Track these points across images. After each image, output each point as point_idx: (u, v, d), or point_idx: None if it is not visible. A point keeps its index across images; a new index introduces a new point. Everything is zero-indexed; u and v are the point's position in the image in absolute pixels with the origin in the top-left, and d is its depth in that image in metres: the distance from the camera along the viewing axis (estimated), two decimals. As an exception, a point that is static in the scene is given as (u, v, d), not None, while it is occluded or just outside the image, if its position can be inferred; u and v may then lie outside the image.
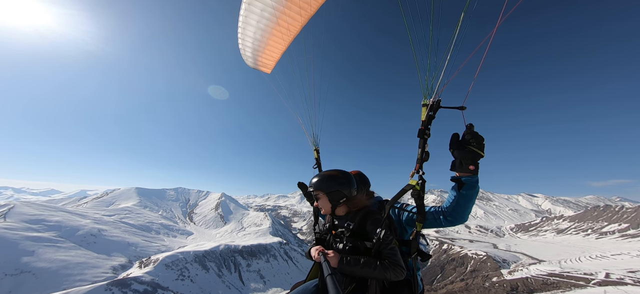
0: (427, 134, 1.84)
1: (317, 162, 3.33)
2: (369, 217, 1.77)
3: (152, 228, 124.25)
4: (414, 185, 1.81)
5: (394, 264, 1.55)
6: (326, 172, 1.92)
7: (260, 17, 3.56)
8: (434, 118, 1.86)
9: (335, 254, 1.63)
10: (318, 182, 1.88)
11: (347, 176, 1.90)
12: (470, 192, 1.68)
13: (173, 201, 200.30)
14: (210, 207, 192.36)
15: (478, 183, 1.69)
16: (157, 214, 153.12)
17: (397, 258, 1.58)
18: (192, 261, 79.98)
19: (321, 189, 1.86)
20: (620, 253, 79.78)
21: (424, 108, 1.87)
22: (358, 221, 1.77)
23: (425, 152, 1.83)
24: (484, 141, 1.66)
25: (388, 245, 1.61)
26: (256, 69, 4.45)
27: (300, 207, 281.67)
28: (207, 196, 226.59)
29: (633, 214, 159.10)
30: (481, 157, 1.66)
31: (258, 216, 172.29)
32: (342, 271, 1.59)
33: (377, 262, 1.56)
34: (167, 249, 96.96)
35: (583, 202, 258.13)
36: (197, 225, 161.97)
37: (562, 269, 69.04)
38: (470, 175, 1.67)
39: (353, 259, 1.59)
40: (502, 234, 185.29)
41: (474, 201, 1.72)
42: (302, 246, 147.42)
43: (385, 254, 1.59)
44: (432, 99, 1.85)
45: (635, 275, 57.49)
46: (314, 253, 1.75)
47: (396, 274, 1.54)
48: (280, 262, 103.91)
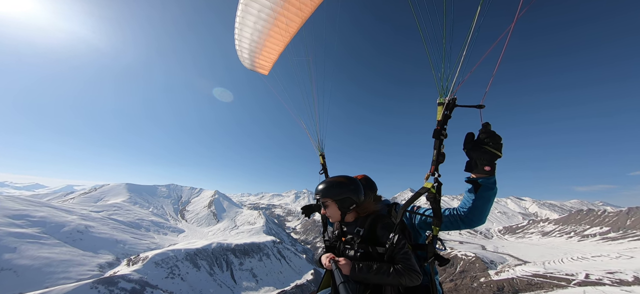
0: (444, 135, 1.72)
1: (323, 168, 3.19)
2: (379, 222, 1.74)
3: (142, 225, 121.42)
4: (429, 188, 1.71)
5: (409, 269, 1.50)
6: (333, 179, 1.85)
7: (258, 18, 3.50)
8: (450, 117, 1.74)
9: (346, 261, 1.59)
10: (326, 189, 1.82)
11: (354, 182, 1.84)
12: (487, 194, 1.60)
13: (165, 197, 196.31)
14: (203, 204, 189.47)
15: (495, 184, 1.60)
16: (148, 211, 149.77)
17: (411, 262, 1.53)
18: (183, 259, 78.54)
19: (330, 197, 1.80)
20: (600, 255, 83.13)
21: (440, 107, 1.74)
22: (368, 226, 1.73)
23: (441, 153, 1.72)
24: (502, 141, 1.57)
25: (401, 250, 1.56)
26: (253, 71, 4.37)
27: (295, 206, 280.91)
28: (200, 193, 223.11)
29: (614, 218, 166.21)
30: (498, 157, 1.57)
31: (252, 215, 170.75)
32: (355, 278, 1.54)
33: (390, 268, 1.51)
34: (157, 247, 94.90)
35: (568, 206, 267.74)
36: (189, 223, 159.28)
37: (546, 270, 71.47)
38: (486, 176, 1.59)
39: (365, 266, 1.55)
40: (491, 236, 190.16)
41: (492, 203, 1.63)
42: (295, 245, 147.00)
43: (398, 259, 1.54)
44: (448, 98, 1.74)
45: (614, 276, 60.16)
46: (325, 260, 1.71)
47: (411, 280, 1.49)
48: (273, 261, 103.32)
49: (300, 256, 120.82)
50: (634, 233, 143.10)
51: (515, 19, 1.49)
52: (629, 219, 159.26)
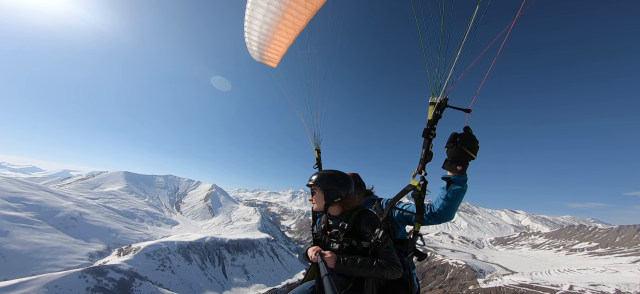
0: (433, 134, 1.81)
1: (317, 162, 3.32)
2: (363, 217, 1.80)
3: (136, 214, 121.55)
4: (415, 186, 1.82)
5: (391, 263, 1.56)
6: (327, 171, 1.97)
7: (267, 11, 3.55)
8: (441, 118, 1.82)
9: (332, 254, 1.65)
10: (318, 178, 1.94)
11: (345, 177, 1.95)
12: (457, 190, 1.70)
13: (162, 188, 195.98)
14: (200, 198, 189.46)
15: (466, 183, 1.70)
16: (143, 201, 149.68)
17: (393, 256, 1.60)
18: (176, 251, 78.96)
19: (319, 185, 1.91)
20: (586, 269, 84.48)
21: (431, 107, 1.82)
22: (352, 221, 1.80)
23: (429, 152, 1.82)
24: (478, 144, 1.67)
25: (384, 244, 1.62)
26: (262, 63, 4.47)
27: (291, 205, 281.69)
28: (197, 186, 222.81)
29: (604, 235, 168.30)
30: (472, 159, 1.67)
31: (247, 211, 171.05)
32: (340, 271, 1.61)
33: (374, 261, 1.57)
34: (149, 238, 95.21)
35: (560, 221, 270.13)
36: (184, 215, 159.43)
37: (532, 280, 72.54)
38: (457, 174, 1.70)
39: (350, 259, 1.60)
40: (482, 245, 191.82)
41: (460, 200, 1.73)
42: (289, 244, 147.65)
43: (381, 253, 1.61)
44: (439, 98, 1.81)
45: (596, 288, 61.35)
46: (311, 253, 1.76)
47: (393, 273, 1.56)
48: (266, 258, 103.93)
49: (293, 255, 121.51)
50: (621, 250, 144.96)
51: (516, 15, 1.50)
52: (619, 236, 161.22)
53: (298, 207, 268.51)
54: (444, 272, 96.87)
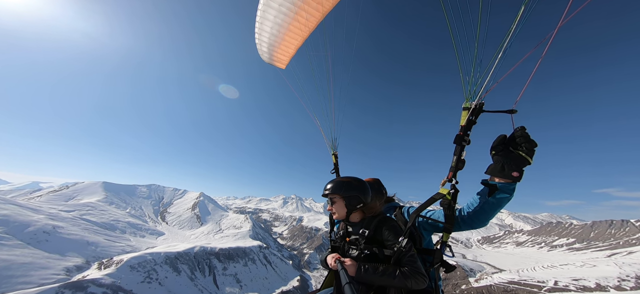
0: (466, 141, 1.65)
1: (335, 167, 3.21)
2: (385, 224, 1.73)
3: (117, 226, 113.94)
4: (444, 194, 1.68)
5: (415, 272, 1.47)
6: (344, 178, 1.89)
7: (278, 11, 3.52)
8: (475, 123, 1.66)
9: (352, 262, 1.58)
10: (335, 186, 1.85)
11: (363, 183, 1.89)
12: (502, 199, 1.54)
13: (144, 198, 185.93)
14: (186, 206, 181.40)
15: (514, 192, 1.52)
16: (125, 212, 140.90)
17: (417, 265, 1.51)
18: (162, 262, 74.52)
19: (338, 193, 1.83)
20: (567, 264, 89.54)
21: (465, 112, 1.67)
22: (373, 227, 1.73)
23: (462, 160, 1.67)
24: (536, 147, 1.47)
25: (408, 252, 1.54)
26: (271, 64, 4.39)
27: (282, 212, 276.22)
28: (183, 195, 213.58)
29: (579, 231, 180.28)
30: (528, 164, 1.48)
31: (238, 218, 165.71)
32: (360, 279, 1.52)
33: (396, 270, 1.49)
34: (133, 250, 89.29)
35: (539, 219, 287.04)
36: (170, 225, 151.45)
37: (520, 277, 75.80)
38: (509, 182, 1.51)
39: (371, 267, 1.53)
40: (470, 245, 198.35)
41: (501, 208, 1.57)
42: (282, 251, 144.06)
43: (405, 261, 1.53)
44: (475, 102, 1.66)
45: (578, 282, 65.18)
46: (331, 260, 1.69)
47: (417, 283, 1.46)
48: (259, 266, 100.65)
49: (286, 262, 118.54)
50: (596, 245, 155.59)
51: (559, 24, 1.40)
52: (593, 231, 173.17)
53: (290, 213, 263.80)
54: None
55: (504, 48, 1.58)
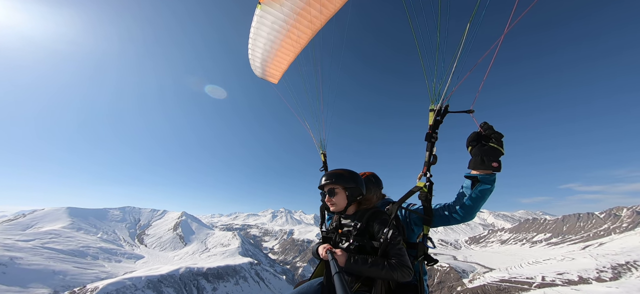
0: (435, 138, 1.89)
1: (324, 166, 3.48)
2: (376, 217, 1.75)
3: (87, 252, 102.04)
4: (421, 187, 1.84)
5: (402, 265, 1.51)
6: (343, 170, 1.92)
7: (271, 29, 3.66)
8: (442, 122, 1.90)
9: (343, 252, 1.61)
10: (339, 176, 1.85)
11: (360, 176, 1.95)
12: (485, 190, 1.66)
13: (118, 221, 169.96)
14: (167, 227, 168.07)
15: (495, 182, 1.66)
16: (96, 237, 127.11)
17: (404, 258, 1.55)
18: (144, 287, 67.40)
19: (341, 184, 1.83)
20: (549, 259, 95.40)
21: (431, 113, 1.91)
22: (365, 220, 1.75)
23: (433, 155, 1.88)
24: (503, 138, 1.65)
25: (395, 245, 1.58)
26: (264, 79, 4.53)
27: (272, 226, 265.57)
28: (163, 215, 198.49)
29: (553, 226, 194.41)
30: (502, 154, 1.63)
31: (225, 236, 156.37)
32: (350, 270, 1.56)
33: (384, 262, 1.53)
34: (108, 276, 79.95)
35: (517, 216, 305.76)
36: (149, 248, 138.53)
37: (510, 275, 79.10)
38: (489, 173, 1.64)
39: (361, 259, 1.56)
40: (459, 246, 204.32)
41: (485, 201, 1.69)
42: (274, 266, 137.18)
43: (392, 254, 1.56)
44: (439, 104, 1.90)
45: (563, 276, 69.50)
46: (322, 250, 1.72)
47: (403, 275, 1.50)
48: (251, 284, 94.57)
49: (280, 277, 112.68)
50: (570, 238, 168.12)
51: (505, 31, 1.60)
52: (565, 225, 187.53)
53: (280, 227, 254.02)
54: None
55: (458, 58, 1.81)
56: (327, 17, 3.40)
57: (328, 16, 3.38)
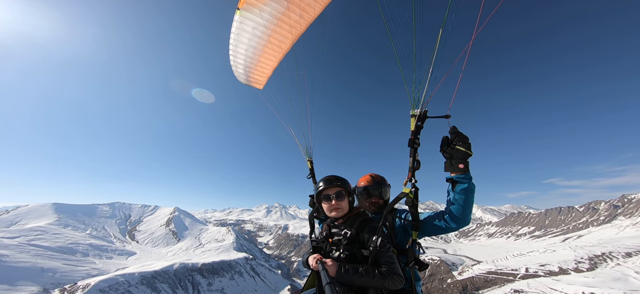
0: (417, 143, 1.91)
1: (311, 172, 3.36)
2: (366, 225, 1.74)
3: (77, 249, 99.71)
4: (407, 193, 1.87)
5: (392, 273, 1.50)
6: (339, 176, 1.93)
7: (252, 35, 3.59)
8: (423, 128, 1.93)
9: (333, 262, 1.58)
10: (345, 181, 1.88)
11: None
12: (464, 189, 1.72)
13: (107, 218, 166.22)
14: (160, 223, 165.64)
15: (471, 181, 1.73)
16: (85, 234, 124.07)
17: (395, 266, 1.54)
18: (138, 283, 66.88)
19: (346, 188, 1.85)
20: (532, 251, 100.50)
21: (413, 118, 1.95)
22: (355, 228, 1.74)
23: (417, 161, 1.90)
24: (469, 140, 1.75)
25: (386, 253, 1.57)
26: (248, 85, 4.45)
27: (266, 221, 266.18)
28: (154, 211, 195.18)
29: (537, 219, 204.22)
30: (469, 155, 1.73)
31: (219, 231, 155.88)
32: (341, 280, 1.53)
33: (375, 270, 1.51)
34: (100, 273, 78.62)
35: (503, 210, 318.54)
36: (141, 244, 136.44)
37: (497, 267, 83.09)
38: (460, 174, 1.73)
39: (352, 268, 1.54)
40: (449, 240, 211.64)
41: (470, 199, 1.73)
42: (269, 261, 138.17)
43: (382, 262, 1.55)
44: (419, 110, 1.94)
45: (545, 268, 73.62)
46: (312, 261, 1.69)
47: (394, 283, 1.49)
48: (247, 278, 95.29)
49: (275, 271, 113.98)
50: (552, 231, 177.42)
51: (472, 39, 1.71)
52: (547, 219, 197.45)
53: (274, 222, 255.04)
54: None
55: (432, 66, 1.91)
56: (307, 22, 3.36)
57: (309, 21, 3.35)
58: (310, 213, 2.30)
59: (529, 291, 38.98)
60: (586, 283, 32.13)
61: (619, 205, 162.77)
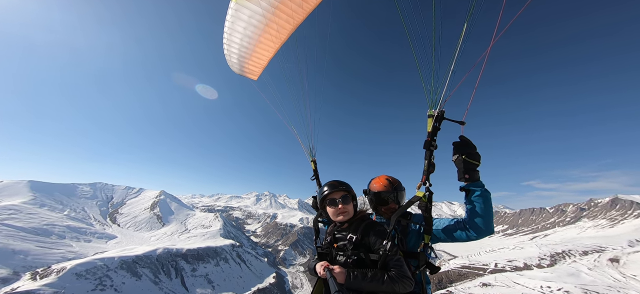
0: (434, 146, 1.84)
1: (315, 174, 3.20)
2: (372, 229, 1.73)
3: (52, 231, 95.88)
4: (420, 197, 1.83)
5: (402, 276, 1.49)
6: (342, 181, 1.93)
7: (248, 24, 3.45)
8: (440, 129, 1.86)
9: (341, 269, 1.55)
10: (349, 186, 1.88)
11: None
12: (478, 195, 1.69)
13: (88, 198, 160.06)
14: (144, 206, 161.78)
15: (483, 189, 1.70)
16: (62, 215, 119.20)
17: (404, 269, 1.54)
18: (118, 268, 65.82)
19: (351, 193, 1.86)
20: (503, 247, 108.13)
21: (430, 119, 1.87)
22: (360, 232, 1.73)
23: (432, 163, 1.83)
24: (476, 149, 1.73)
25: (394, 257, 1.56)
26: (242, 76, 4.26)
27: (255, 209, 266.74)
28: (139, 193, 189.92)
29: (511, 218, 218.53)
30: (476, 165, 1.71)
31: (206, 217, 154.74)
32: (350, 286, 1.51)
33: (384, 275, 1.50)
34: (77, 256, 76.54)
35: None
36: (123, 227, 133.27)
37: (470, 262, 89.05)
38: (470, 183, 1.72)
39: (360, 274, 1.52)
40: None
41: (486, 206, 1.69)
42: (256, 248, 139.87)
43: (391, 265, 1.54)
44: (436, 110, 1.86)
45: (511, 263, 79.80)
46: (319, 268, 1.65)
47: (404, 287, 1.49)
48: (232, 265, 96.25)
49: (261, 259, 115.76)
50: (523, 230, 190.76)
51: (490, 45, 1.67)
52: (520, 218, 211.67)
53: (263, 210, 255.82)
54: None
55: (453, 67, 1.85)
56: (307, 12, 3.18)
57: (308, 10, 3.17)
58: (314, 218, 2.28)
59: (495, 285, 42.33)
60: (545, 278, 35.19)
61: (586, 208, 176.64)
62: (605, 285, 22.10)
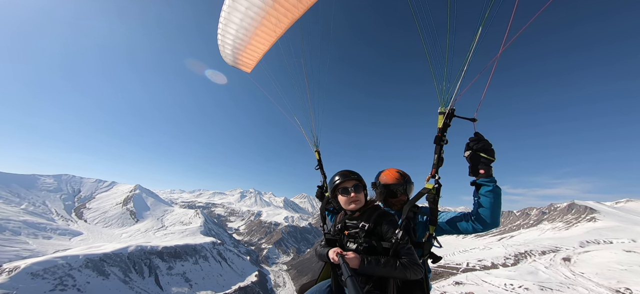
0: (444, 141, 1.92)
1: (319, 163, 3.24)
2: (385, 218, 1.79)
3: (6, 226, 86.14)
4: (430, 189, 1.91)
5: (413, 263, 1.57)
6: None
7: (245, 15, 3.38)
8: (450, 126, 1.93)
9: (355, 255, 1.61)
10: (360, 175, 1.93)
11: None
12: (489, 190, 1.75)
13: (50, 191, 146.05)
14: (115, 201, 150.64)
15: (495, 184, 1.76)
16: (18, 209, 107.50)
17: (415, 257, 1.61)
18: (82, 266, 60.78)
19: (363, 182, 1.92)
20: (474, 248, 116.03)
21: (441, 116, 1.94)
22: (373, 221, 1.78)
23: (441, 158, 1.92)
24: (492, 146, 1.78)
25: (405, 245, 1.64)
26: (235, 67, 4.19)
27: (239, 206, 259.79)
28: (111, 187, 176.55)
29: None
30: (491, 161, 1.77)
31: (186, 214, 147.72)
32: (364, 271, 1.58)
33: (397, 262, 1.57)
34: (33, 254, 69.38)
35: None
36: (90, 223, 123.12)
37: (445, 262, 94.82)
38: (483, 178, 1.78)
39: (374, 260, 1.58)
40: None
41: (496, 201, 1.76)
42: (238, 246, 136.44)
43: (402, 253, 1.62)
44: (448, 108, 1.92)
45: (481, 262, 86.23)
46: (332, 254, 1.70)
47: (415, 273, 1.56)
48: (212, 264, 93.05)
49: (243, 257, 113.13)
50: (492, 232, 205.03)
51: (499, 52, 1.71)
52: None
53: (247, 208, 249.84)
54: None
55: (467, 65, 1.89)
56: (306, 6, 3.15)
57: (307, 5, 3.13)
58: (321, 206, 2.32)
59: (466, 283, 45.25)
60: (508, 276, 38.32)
61: (546, 212, 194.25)
62: (558, 282, 24.69)
